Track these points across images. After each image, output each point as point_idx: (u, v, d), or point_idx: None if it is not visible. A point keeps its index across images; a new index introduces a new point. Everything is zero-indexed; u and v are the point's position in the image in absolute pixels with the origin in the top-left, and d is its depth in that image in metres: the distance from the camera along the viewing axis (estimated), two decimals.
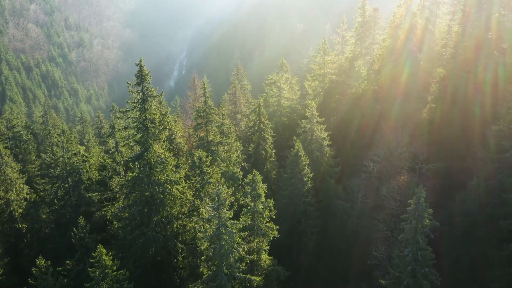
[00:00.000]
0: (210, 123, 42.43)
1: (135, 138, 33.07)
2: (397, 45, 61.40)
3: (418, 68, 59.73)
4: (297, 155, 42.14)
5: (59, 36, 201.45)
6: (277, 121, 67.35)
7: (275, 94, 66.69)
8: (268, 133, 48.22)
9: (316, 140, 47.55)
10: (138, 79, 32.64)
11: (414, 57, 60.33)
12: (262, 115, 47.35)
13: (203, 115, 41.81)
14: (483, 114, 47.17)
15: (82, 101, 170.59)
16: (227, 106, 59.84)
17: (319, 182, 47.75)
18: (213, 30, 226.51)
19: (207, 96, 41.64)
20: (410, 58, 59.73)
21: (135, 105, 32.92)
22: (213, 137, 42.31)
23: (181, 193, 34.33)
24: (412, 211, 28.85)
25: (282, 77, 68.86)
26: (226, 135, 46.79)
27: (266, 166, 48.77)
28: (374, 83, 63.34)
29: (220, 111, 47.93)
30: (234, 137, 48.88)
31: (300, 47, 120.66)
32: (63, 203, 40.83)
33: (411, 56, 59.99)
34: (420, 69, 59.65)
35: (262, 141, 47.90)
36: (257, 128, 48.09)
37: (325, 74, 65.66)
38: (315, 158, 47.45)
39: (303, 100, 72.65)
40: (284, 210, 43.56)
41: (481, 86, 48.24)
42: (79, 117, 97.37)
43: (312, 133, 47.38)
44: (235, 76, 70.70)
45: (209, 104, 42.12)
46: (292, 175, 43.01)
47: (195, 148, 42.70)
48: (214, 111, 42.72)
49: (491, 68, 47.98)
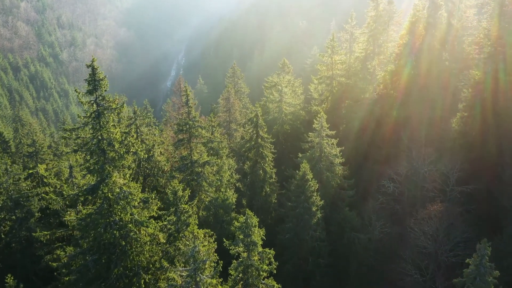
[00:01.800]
0: (194, 139, 33.88)
1: (87, 165, 24.48)
2: (417, 43, 52.81)
3: (443, 69, 51.18)
4: (303, 179, 33.61)
5: (50, 35, 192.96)
6: (278, 130, 58.79)
7: (276, 99, 58.11)
8: (267, 149, 39.64)
9: (326, 157, 39.00)
10: (90, 86, 24.10)
11: (438, 56, 51.79)
12: (260, 127, 38.78)
13: (185, 129, 33.27)
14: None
15: (72, 103, 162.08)
16: (220, 114, 51.26)
17: (330, 209, 39.15)
18: (212, 28, 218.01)
19: (190, 106, 33.11)
20: (434, 57, 51.18)
21: (87, 120, 24.36)
22: (198, 156, 33.78)
23: (151, 238, 25.78)
24: (471, 274, 20.27)
25: (284, 79, 60.35)
26: (216, 151, 38.23)
27: (264, 189, 40.19)
28: (390, 87, 54.73)
29: (210, 121, 39.36)
30: (227, 153, 40.31)
31: (303, 46, 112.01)
32: (8, 239, 32.30)
33: (435, 55, 51.43)
34: (446, 71, 51.10)
35: (260, 159, 39.32)
36: (254, 143, 39.53)
37: (333, 76, 57.03)
38: (325, 180, 38.88)
39: (308, 105, 64.16)
40: (287, 246, 35.02)
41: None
42: (61, 122, 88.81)
43: (321, 149, 38.82)
44: (230, 78, 62.11)
45: (192, 116, 33.57)
46: (297, 203, 34.48)
47: (175, 170, 34.12)
48: (200, 124, 34.14)
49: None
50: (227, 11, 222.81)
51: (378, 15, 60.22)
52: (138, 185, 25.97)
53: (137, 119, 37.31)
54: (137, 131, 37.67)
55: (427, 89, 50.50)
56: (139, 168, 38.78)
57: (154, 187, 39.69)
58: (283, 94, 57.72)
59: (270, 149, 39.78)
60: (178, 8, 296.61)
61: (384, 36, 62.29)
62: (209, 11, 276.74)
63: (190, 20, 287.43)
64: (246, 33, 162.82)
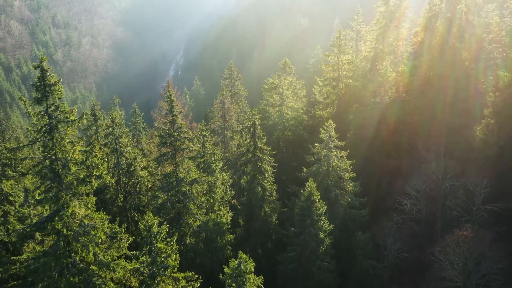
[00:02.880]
0: (180, 153, 28.65)
1: (36, 194, 19.28)
2: (434, 41, 47.54)
3: (464, 70, 45.86)
4: (309, 200, 28.38)
5: (45, 34, 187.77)
6: (279, 137, 53.65)
7: (276, 103, 52.94)
8: (266, 163, 34.36)
9: (335, 172, 33.76)
10: (38, 93, 18.96)
11: (457, 55, 46.45)
12: (258, 137, 33.52)
13: (169, 142, 28.02)
14: None
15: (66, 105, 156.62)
16: (214, 120, 45.99)
17: (339, 231, 33.90)
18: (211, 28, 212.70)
19: (175, 114, 27.90)
20: (453, 57, 45.87)
21: (36, 136, 19.18)
22: (184, 173, 28.53)
23: (120, 284, 20.58)
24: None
25: (285, 81, 55.11)
26: (208, 165, 33.02)
27: (263, 209, 34.91)
28: (403, 89, 49.47)
29: (201, 130, 34.13)
30: (221, 165, 35.04)
31: (305, 46, 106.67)
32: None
33: (453, 54, 46.12)
34: (466, 72, 45.77)
35: (258, 173, 34.07)
36: (251, 156, 34.27)
37: (340, 78, 51.82)
38: (333, 198, 33.64)
39: (311, 109, 59.02)
40: (290, 278, 29.81)
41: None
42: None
43: (329, 163, 33.57)
44: (226, 79, 56.83)
45: (178, 126, 28.32)
46: (302, 229, 29.28)
47: (158, 190, 28.87)
48: (188, 135, 28.88)
49: None
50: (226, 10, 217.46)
51: (388, 11, 55.02)
52: (104, 216, 20.70)
53: (115, 129, 32.09)
54: (115, 142, 32.43)
55: (445, 92, 45.22)
56: (119, 184, 33.57)
57: (136, 207, 34.55)
58: (284, 97, 52.58)
59: (269, 162, 34.52)
60: (177, 8, 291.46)
61: (394, 33, 57.24)
62: (208, 10, 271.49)
63: (189, 19, 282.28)
64: (246, 32, 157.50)
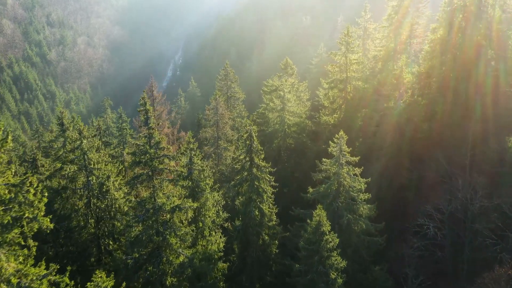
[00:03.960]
0: (159, 174, 23.22)
1: None
2: (455, 38, 42.04)
3: (490, 71, 40.41)
4: (317, 233, 23.00)
5: (39, 33, 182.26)
6: (280, 145, 48.28)
7: (277, 107, 47.56)
8: (265, 182, 28.88)
9: (347, 193, 28.32)
10: None
11: (483, 54, 41.01)
12: (255, 152, 28.04)
13: (144, 160, 22.56)
14: None
15: (59, 106, 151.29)
16: (207, 128, 40.47)
17: (351, 262, 28.43)
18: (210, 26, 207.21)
19: (151, 127, 22.49)
20: (477, 56, 40.43)
21: None
22: (164, 199, 23.07)
23: None
24: None
25: (287, 83, 49.78)
26: (196, 183, 27.63)
27: (261, 236, 29.42)
28: (418, 93, 44.00)
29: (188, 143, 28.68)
30: (212, 183, 29.56)
31: (307, 45, 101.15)
32: None
33: (479, 53, 40.69)
34: (493, 73, 40.33)
35: (255, 195, 28.63)
36: (246, 175, 28.78)
37: (348, 80, 46.35)
38: (345, 225, 28.17)
39: (315, 113, 53.65)
40: None
41: None
42: (34, 130, 78.24)
43: (340, 182, 28.10)
44: (222, 81, 51.34)
45: (156, 141, 22.86)
46: (308, 266, 23.88)
47: (132, 220, 23.39)
48: (167, 153, 23.39)
49: None
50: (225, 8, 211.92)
51: (401, 5, 49.72)
52: (42, 268, 15.27)
53: (83, 142, 26.65)
54: (83, 158, 26.98)
55: (469, 96, 39.84)
56: (89, 208, 28.15)
57: (110, 234, 29.12)
58: (285, 101, 47.18)
59: (269, 181, 29.02)
60: (175, 6, 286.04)
61: (407, 30, 51.90)
62: (207, 9, 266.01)
63: (188, 18, 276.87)
64: (245, 31, 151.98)
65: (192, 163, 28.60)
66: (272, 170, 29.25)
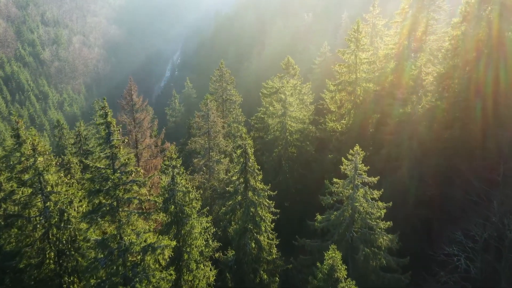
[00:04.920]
0: (125, 205, 17.99)
1: None
2: (482, 33, 36.73)
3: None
4: (330, 280, 17.69)
5: (32, 32, 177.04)
6: (281, 155, 43.14)
7: (278, 112, 42.38)
8: (263, 208, 23.64)
9: (363, 221, 23.06)
10: None
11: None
12: (251, 173, 22.77)
13: (105, 189, 17.35)
14: None
15: (52, 107, 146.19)
16: (197, 138, 35.14)
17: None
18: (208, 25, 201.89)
19: (114, 145, 17.27)
20: (509, 53, 35.15)
21: None
22: (133, 237, 17.85)
23: None
24: None
25: (288, 84, 44.66)
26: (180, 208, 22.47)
27: (259, 274, 24.13)
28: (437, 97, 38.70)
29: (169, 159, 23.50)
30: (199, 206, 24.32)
31: (309, 43, 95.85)
32: None
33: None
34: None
35: (251, 224, 23.37)
36: (240, 199, 23.51)
37: (358, 81, 41.12)
38: (361, 261, 22.88)
39: (319, 118, 48.53)
40: None
41: None
42: None
43: (355, 207, 22.84)
44: (216, 82, 46.05)
45: (122, 163, 17.65)
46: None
47: (94, 264, 18.18)
48: (138, 179, 18.14)
49: None
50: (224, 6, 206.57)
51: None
52: None
53: (37, 160, 21.42)
54: (38, 180, 21.77)
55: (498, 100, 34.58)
56: (47, 240, 22.94)
57: (74, 271, 23.89)
58: (287, 106, 42.00)
59: (268, 207, 23.75)
60: (174, 5, 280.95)
61: (422, 26, 46.61)
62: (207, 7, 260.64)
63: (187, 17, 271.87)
64: (244, 29, 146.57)
65: (174, 183, 23.40)
66: (272, 193, 23.98)
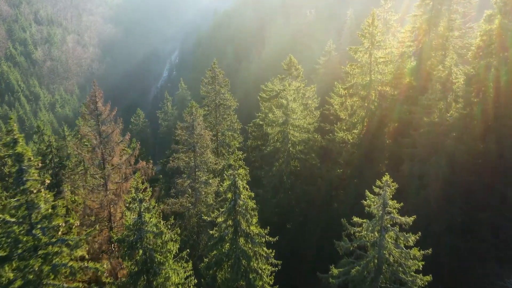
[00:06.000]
0: (52, 276, 12.20)
1: None
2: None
3: None
4: None
5: (24, 31, 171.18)
6: (282, 170, 37.32)
7: (278, 120, 36.55)
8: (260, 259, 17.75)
9: (393, 274, 17.18)
10: None
11: None
12: (242, 214, 16.95)
13: (17, 255, 11.50)
14: None
15: (43, 109, 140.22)
16: (180, 155, 29.27)
17: None
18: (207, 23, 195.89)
19: (28, 189, 11.02)
20: None
21: None
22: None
23: None
24: None
25: (290, 88, 38.94)
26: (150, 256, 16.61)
27: None
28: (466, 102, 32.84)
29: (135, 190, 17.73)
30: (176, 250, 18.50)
31: (312, 42, 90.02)
32: None
33: None
34: None
35: (243, 281, 17.53)
36: (229, 249, 17.67)
37: (372, 84, 35.23)
38: None
39: (325, 125, 42.91)
40: None
41: None
42: None
43: (382, 257, 16.98)
44: (208, 85, 40.17)
45: (43, 214, 11.74)
46: None
47: None
48: (70, 238, 12.23)
49: None
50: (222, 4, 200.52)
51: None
52: None
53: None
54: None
55: None
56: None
57: None
58: (289, 112, 36.17)
59: (266, 258, 17.90)
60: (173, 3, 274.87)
61: (444, 21, 40.80)
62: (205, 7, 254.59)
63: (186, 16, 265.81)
64: (243, 27, 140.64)
65: (142, 222, 17.61)
66: (272, 239, 18.12)
